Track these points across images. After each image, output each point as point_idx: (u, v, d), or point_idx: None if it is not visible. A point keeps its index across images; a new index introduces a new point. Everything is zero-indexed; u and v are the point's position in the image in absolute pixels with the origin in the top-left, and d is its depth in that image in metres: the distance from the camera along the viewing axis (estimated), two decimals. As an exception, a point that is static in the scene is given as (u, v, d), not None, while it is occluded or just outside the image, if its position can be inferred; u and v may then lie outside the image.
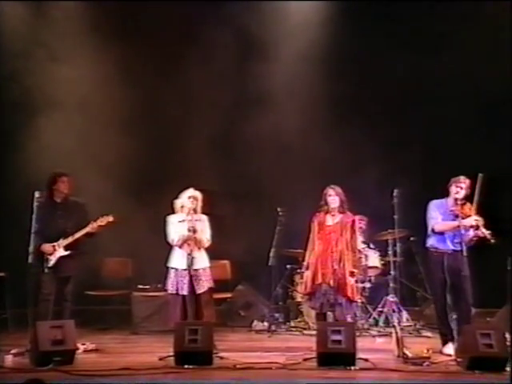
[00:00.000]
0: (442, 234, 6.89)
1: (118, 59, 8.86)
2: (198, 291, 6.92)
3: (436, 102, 8.98)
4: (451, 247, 6.86)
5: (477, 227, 6.70)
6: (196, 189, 7.10)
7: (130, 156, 8.82)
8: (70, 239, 7.23)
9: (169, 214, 7.17)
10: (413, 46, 8.71)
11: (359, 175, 8.63)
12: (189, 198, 7.01)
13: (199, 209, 7.11)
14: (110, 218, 7.18)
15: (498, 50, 8.51)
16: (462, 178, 6.87)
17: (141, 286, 8.58)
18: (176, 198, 7.13)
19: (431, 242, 6.99)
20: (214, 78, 9.02)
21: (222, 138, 9.23)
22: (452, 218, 6.85)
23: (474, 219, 6.70)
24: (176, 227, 7.08)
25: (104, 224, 7.19)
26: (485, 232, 6.66)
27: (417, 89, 9.04)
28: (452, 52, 8.64)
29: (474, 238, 6.78)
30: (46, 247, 7.21)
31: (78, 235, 7.23)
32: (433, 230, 6.92)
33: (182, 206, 7.06)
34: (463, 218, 6.73)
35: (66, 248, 7.24)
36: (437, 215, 6.91)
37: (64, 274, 7.29)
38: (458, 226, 6.73)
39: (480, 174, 6.66)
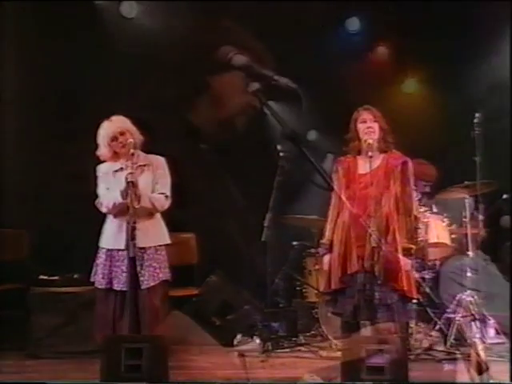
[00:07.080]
0: None
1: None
2: (144, 285, 6.25)
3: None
4: None
5: None
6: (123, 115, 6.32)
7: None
8: None
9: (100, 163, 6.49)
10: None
11: (410, 91, 8.58)
12: (112, 141, 6.19)
13: (139, 146, 6.32)
14: None
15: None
16: None
17: (45, 277, 7.75)
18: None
19: None
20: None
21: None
22: None
23: None
24: (107, 182, 6.37)
25: None
26: None
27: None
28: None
29: None
30: None
31: None
32: None
33: (116, 153, 6.30)
34: None
35: None
36: None
37: None
38: None
39: None
